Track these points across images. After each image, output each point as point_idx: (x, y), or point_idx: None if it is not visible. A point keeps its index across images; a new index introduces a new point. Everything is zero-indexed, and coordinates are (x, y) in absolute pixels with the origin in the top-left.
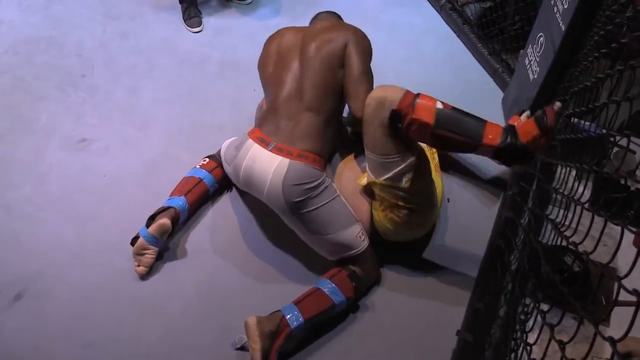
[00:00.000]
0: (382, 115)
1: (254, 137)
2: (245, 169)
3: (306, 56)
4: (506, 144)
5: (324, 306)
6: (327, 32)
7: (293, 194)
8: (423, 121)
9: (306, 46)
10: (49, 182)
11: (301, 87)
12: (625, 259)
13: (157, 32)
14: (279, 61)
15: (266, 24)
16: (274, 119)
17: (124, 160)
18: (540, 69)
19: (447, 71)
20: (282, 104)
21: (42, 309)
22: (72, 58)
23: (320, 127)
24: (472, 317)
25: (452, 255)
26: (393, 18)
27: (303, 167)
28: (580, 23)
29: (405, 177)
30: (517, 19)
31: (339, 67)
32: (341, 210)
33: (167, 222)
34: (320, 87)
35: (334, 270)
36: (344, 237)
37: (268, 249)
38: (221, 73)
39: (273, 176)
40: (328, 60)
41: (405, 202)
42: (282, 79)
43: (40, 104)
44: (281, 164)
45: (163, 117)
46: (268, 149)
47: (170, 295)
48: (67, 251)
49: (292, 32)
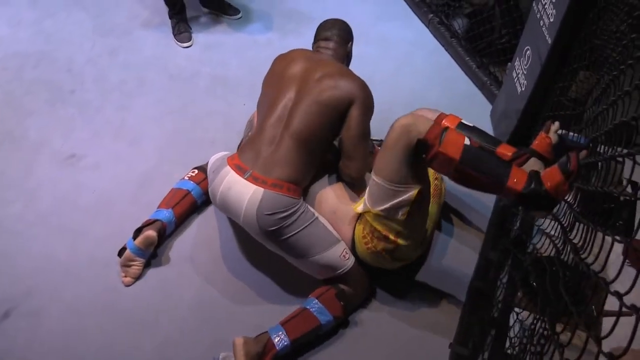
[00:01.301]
0: (406, 141)
1: (232, 164)
2: (221, 196)
3: (305, 91)
4: (529, 190)
5: (310, 327)
6: (334, 77)
7: (267, 223)
8: (449, 156)
9: (308, 81)
10: (39, 199)
11: (291, 117)
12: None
13: (147, 47)
14: (279, 85)
15: (256, 39)
16: (256, 143)
17: (115, 176)
18: (528, 81)
19: (436, 84)
20: (267, 128)
21: (33, 326)
22: (61, 73)
23: (300, 156)
24: (464, 330)
25: (443, 268)
26: (383, 32)
27: (277, 196)
28: (566, 36)
29: (402, 210)
30: (504, 33)
31: (337, 118)
32: (320, 234)
33: (153, 234)
34: (309, 120)
35: (322, 288)
36: (327, 258)
37: (257, 261)
38: (211, 88)
39: (247, 205)
40: (326, 107)
41: (396, 235)
42: (275, 104)
43: (30, 120)
44: (255, 193)
45: (153, 133)
46: (244, 177)
47: (161, 310)
48: (58, 268)
49: (301, 60)
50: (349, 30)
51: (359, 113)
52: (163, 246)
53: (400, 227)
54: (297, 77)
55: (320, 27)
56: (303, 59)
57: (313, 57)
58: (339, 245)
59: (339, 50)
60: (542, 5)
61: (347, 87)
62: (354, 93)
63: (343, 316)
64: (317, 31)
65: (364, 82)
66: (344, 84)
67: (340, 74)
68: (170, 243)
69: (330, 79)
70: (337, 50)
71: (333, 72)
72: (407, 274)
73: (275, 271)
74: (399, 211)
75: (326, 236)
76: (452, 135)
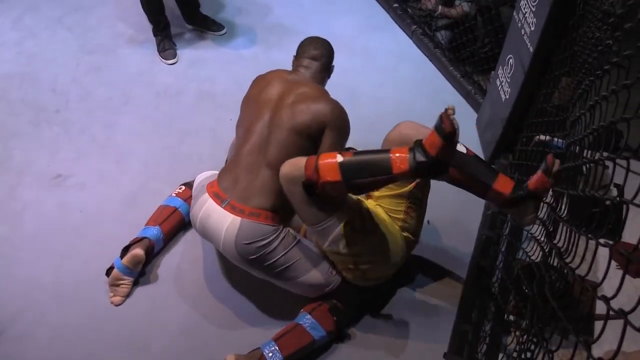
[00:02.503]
0: (296, 188)
1: (210, 192)
2: (200, 223)
3: (279, 117)
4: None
5: (303, 342)
6: (307, 102)
7: (247, 251)
8: (332, 181)
9: (282, 106)
10: (25, 221)
11: (267, 143)
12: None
13: (131, 65)
14: (255, 110)
15: (241, 53)
16: (234, 171)
17: (101, 195)
18: (512, 89)
19: (421, 95)
20: (245, 156)
21: (20, 352)
22: (46, 93)
23: (278, 185)
24: (458, 339)
25: (435, 277)
26: (367, 44)
27: (254, 225)
28: (547, 44)
29: (340, 244)
30: (486, 42)
31: (310, 143)
32: (303, 255)
33: (141, 252)
34: (285, 149)
35: (315, 303)
36: (315, 277)
37: (247, 277)
38: (198, 104)
39: (226, 234)
40: (299, 134)
41: (354, 264)
42: (251, 130)
43: (14, 141)
44: (233, 222)
45: (140, 150)
46: (222, 205)
47: (150, 331)
48: (45, 291)
49: (277, 82)
50: (333, 54)
51: (331, 137)
52: (152, 264)
53: (352, 257)
54: (272, 101)
55: (308, 44)
56: (279, 81)
57: (289, 80)
58: (325, 263)
59: (321, 73)
60: (523, 14)
61: (320, 111)
62: (327, 117)
63: (336, 331)
64: (303, 47)
65: (338, 104)
66: (315, 108)
67: (313, 97)
68: (158, 260)
69: (302, 103)
70: (319, 71)
71: (306, 96)
72: (398, 288)
73: (266, 288)
74: (339, 245)
75: (310, 256)
76: (323, 160)
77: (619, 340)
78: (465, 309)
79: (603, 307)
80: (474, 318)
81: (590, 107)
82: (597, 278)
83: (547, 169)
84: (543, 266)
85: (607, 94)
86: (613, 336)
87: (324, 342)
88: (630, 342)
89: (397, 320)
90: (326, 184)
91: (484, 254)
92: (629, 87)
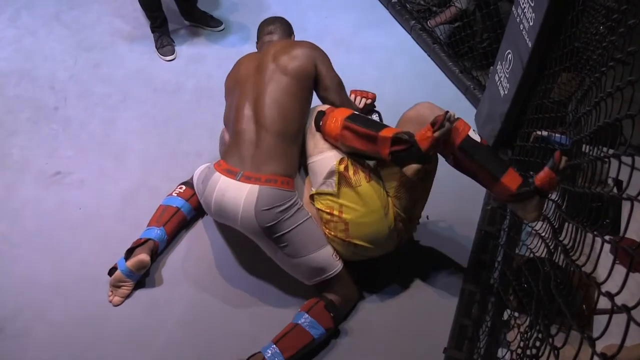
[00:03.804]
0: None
1: (221, 170)
2: (215, 202)
3: (266, 79)
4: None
5: (304, 342)
6: (288, 51)
7: (266, 218)
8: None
9: (264, 69)
10: (24, 218)
11: (258, 110)
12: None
13: (130, 61)
14: (237, 90)
15: (238, 49)
16: (237, 147)
17: (101, 192)
18: (510, 84)
19: (420, 90)
20: (243, 131)
21: (20, 348)
22: (44, 90)
23: (282, 148)
24: (458, 333)
25: (434, 272)
26: (365, 41)
27: (273, 190)
28: (546, 39)
29: (332, 180)
30: (485, 37)
31: (307, 83)
32: (314, 232)
33: (146, 258)
34: (280, 106)
35: (311, 301)
36: (320, 258)
37: (246, 275)
38: (196, 100)
39: (245, 204)
40: (297, 78)
41: (339, 211)
42: (239, 106)
43: (12, 138)
44: (251, 191)
45: (139, 147)
46: (236, 178)
47: (151, 328)
48: (45, 288)
49: (247, 60)
50: (289, 24)
51: (325, 68)
52: (153, 263)
53: (340, 200)
54: (253, 71)
55: (261, 24)
56: (248, 59)
57: (257, 55)
58: (329, 247)
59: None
60: (522, 9)
61: (305, 53)
62: (313, 54)
63: (334, 327)
64: (258, 30)
65: (312, 42)
66: (300, 52)
67: (291, 45)
68: (160, 258)
69: (287, 54)
70: (281, 38)
71: (284, 48)
72: (397, 282)
73: (265, 284)
74: (331, 183)
75: (319, 235)
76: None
77: (622, 335)
78: (465, 304)
79: (603, 303)
80: (474, 313)
81: (595, 103)
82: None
83: (554, 165)
84: (548, 262)
85: (612, 90)
86: (616, 331)
87: (323, 340)
88: (630, 336)
89: (397, 315)
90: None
91: (483, 249)
92: (633, 83)
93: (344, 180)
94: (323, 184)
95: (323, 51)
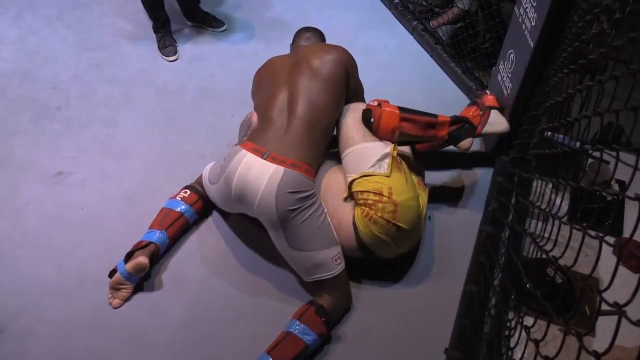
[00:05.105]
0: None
1: (247, 148)
2: (238, 178)
3: (301, 75)
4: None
5: (297, 349)
6: (324, 53)
7: (286, 201)
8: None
9: (300, 67)
10: (26, 218)
11: (294, 100)
12: (606, 268)
13: (132, 62)
14: (271, 83)
15: (241, 49)
16: (266, 131)
17: (103, 193)
18: (513, 84)
19: (422, 91)
20: (273, 116)
21: (23, 348)
22: (46, 91)
23: (310, 138)
24: (459, 334)
25: (435, 273)
26: (367, 41)
27: (298, 175)
28: (548, 40)
29: (385, 162)
30: (487, 37)
31: (340, 85)
32: (325, 228)
33: (145, 261)
34: (315, 102)
35: (302, 308)
36: (323, 256)
37: (246, 276)
38: (199, 101)
39: (268, 183)
40: (328, 80)
41: (389, 192)
42: (274, 95)
43: (15, 139)
44: (276, 171)
45: (141, 147)
46: (263, 157)
47: (154, 328)
48: (47, 288)
49: (281, 58)
50: (324, 35)
51: (354, 75)
52: (152, 266)
53: (390, 183)
54: (288, 68)
55: (300, 30)
56: (281, 57)
57: (291, 54)
58: (336, 248)
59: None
60: (524, 9)
61: (338, 57)
62: (346, 60)
63: (327, 332)
64: (296, 35)
65: (341, 47)
66: (334, 57)
67: (327, 48)
68: (161, 262)
69: (322, 55)
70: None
71: (321, 49)
72: (398, 282)
73: (267, 286)
74: (383, 165)
75: (329, 234)
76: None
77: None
78: (466, 304)
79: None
80: (475, 313)
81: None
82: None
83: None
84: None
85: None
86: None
87: (317, 346)
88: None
89: (397, 315)
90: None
91: (484, 249)
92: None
93: (395, 164)
94: (373, 166)
95: (353, 59)
